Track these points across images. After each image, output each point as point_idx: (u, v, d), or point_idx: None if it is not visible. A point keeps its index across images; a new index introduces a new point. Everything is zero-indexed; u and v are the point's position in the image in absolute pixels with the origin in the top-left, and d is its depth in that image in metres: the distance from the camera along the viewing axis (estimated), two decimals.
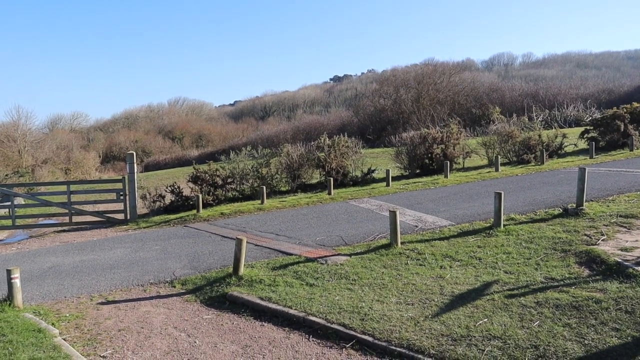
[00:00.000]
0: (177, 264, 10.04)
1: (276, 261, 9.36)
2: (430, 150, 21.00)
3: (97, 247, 12.59)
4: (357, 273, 8.19)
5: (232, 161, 19.47)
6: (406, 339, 5.63)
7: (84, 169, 48.94)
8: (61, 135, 64.11)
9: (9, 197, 16.72)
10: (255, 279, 8.28)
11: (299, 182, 19.73)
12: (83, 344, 6.56)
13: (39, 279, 9.95)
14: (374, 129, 44.20)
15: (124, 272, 9.93)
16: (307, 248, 10.15)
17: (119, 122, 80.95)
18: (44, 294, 8.98)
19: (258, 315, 7.13)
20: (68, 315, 7.74)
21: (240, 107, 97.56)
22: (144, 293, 8.64)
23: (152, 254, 11.15)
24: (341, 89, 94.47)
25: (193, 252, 10.88)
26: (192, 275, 9.15)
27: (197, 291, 8.43)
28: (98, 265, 10.69)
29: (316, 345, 6.00)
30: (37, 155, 53.34)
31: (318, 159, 19.71)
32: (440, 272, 7.95)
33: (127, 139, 65.20)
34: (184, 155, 56.01)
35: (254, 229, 12.68)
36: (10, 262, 11.77)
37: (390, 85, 49.73)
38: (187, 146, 65.97)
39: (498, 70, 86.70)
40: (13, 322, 7.03)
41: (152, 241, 12.56)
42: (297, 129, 50.71)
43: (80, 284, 9.41)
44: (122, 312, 7.75)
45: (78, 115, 79.93)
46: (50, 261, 11.51)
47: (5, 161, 50.41)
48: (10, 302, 7.94)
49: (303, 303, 7.05)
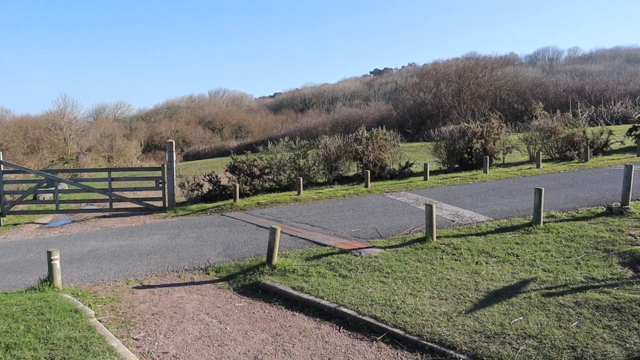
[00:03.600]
0: (212, 252, 10.15)
1: (310, 252, 9.35)
2: (470, 145, 20.62)
3: (135, 233, 12.84)
4: (391, 266, 8.10)
5: (270, 152, 19.54)
6: (438, 334, 5.53)
7: (126, 157, 50.10)
8: (105, 124, 65.76)
9: (54, 182, 17.22)
10: (289, 268, 8.29)
11: (336, 174, 19.68)
12: (117, 326, 6.70)
13: (78, 262, 10.23)
14: (413, 123, 43.74)
15: (160, 258, 10.09)
16: (341, 240, 10.10)
17: (161, 112, 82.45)
18: (82, 276, 9.22)
19: (290, 305, 7.14)
20: (104, 298, 7.92)
21: (280, 99, 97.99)
22: (179, 279, 8.76)
23: (188, 241, 11.31)
24: (381, 82, 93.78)
25: (228, 241, 10.98)
26: (226, 263, 9.24)
27: (230, 279, 8.50)
28: (135, 250, 10.91)
29: (346, 337, 5.96)
30: (82, 143, 54.86)
31: (355, 151, 19.61)
32: (475, 267, 7.79)
33: (168, 129, 66.37)
34: (223, 145, 56.66)
35: (290, 219, 12.71)
36: (52, 244, 12.14)
37: (431, 79, 49.08)
38: (226, 137, 66.73)
39: (542, 65, 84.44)
40: (52, 301, 7.23)
41: (189, 229, 12.73)
42: (336, 122, 50.63)
43: (117, 268, 9.63)
44: (156, 297, 7.87)
45: (121, 105, 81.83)
46: (90, 245, 11.81)
47: (52, 148, 52.04)
48: (50, 282, 8.17)
49: (335, 294, 7.02)
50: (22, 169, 18.68)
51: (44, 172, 18.42)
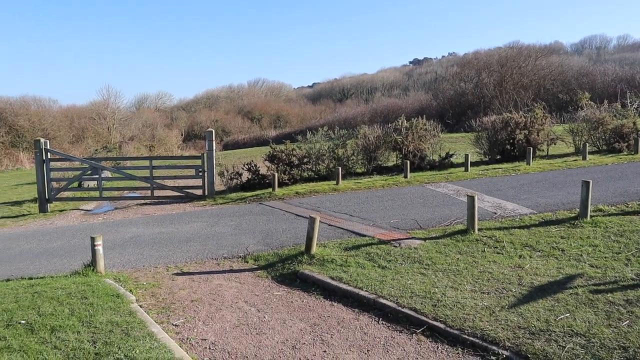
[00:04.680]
0: (251, 240, 10.19)
1: (349, 242, 9.28)
2: (512, 136, 20.11)
3: (175, 221, 13.02)
4: (431, 258, 7.96)
5: (308, 141, 19.51)
6: (480, 329, 5.38)
7: (167, 146, 50.93)
8: (147, 114, 67.06)
9: (98, 170, 17.63)
10: (327, 258, 8.24)
11: (375, 164, 19.52)
12: (157, 312, 6.79)
13: (120, 248, 10.43)
14: (453, 113, 43.04)
15: (200, 245, 10.20)
16: (380, 230, 9.99)
17: (201, 102, 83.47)
18: (124, 262, 9.39)
19: (328, 295, 7.09)
20: (145, 284, 8.04)
21: (319, 89, 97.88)
22: (218, 267, 8.83)
23: (227, 229, 11.39)
24: (420, 72, 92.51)
25: (267, 229, 11.01)
26: (264, 252, 9.26)
27: (269, 267, 8.51)
28: (175, 237, 11.06)
29: (385, 329, 5.87)
30: (124, 132, 56.11)
31: (395, 141, 19.39)
32: (519, 261, 7.57)
33: (208, 118, 67.14)
34: (262, 135, 57.04)
35: (328, 209, 12.66)
36: (95, 230, 12.43)
37: (472, 69, 48.13)
38: (265, 126, 67.11)
39: (589, 53, 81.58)
40: (95, 286, 7.38)
41: (228, 217, 12.83)
42: (375, 112, 50.28)
43: (158, 254, 9.77)
44: (195, 284, 7.95)
45: (162, 95, 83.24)
46: (131, 232, 12.04)
47: (96, 137, 53.43)
48: (94, 267, 8.35)
49: (374, 285, 6.93)
50: (68, 157, 19.17)
51: (89, 160, 18.86)
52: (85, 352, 5.11)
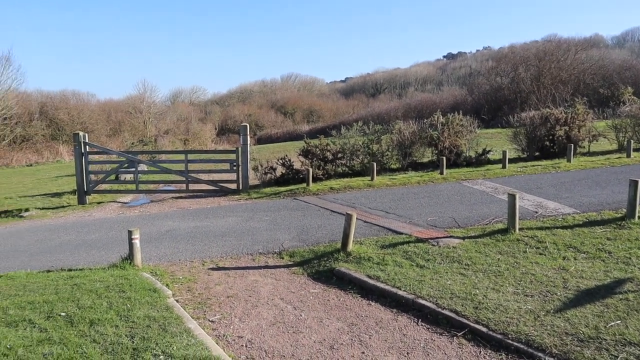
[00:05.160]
0: (286, 236, 10.13)
1: (385, 239, 9.13)
2: (552, 132, 19.58)
3: (210, 215, 13.08)
4: (471, 257, 7.75)
5: (342, 136, 19.38)
6: (525, 334, 5.19)
7: (201, 140, 51.49)
8: (181, 108, 67.90)
9: (134, 163, 17.86)
10: (364, 256, 8.12)
11: (410, 160, 19.28)
12: (193, 307, 6.78)
13: (157, 241, 10.51)
14: (488, 109, 42.19)
15: (235, 240, 10.19)
16: (417, 228, 9.81)
17: (234, 97, 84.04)
18: (160, 255, 9.45)
19: (365, 294, 6.97)
20: (181, 278, 8.06)
21: (351, 84, 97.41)
22: (253, 262, 8.80)
23: (262, 225, 11.37)
24: (455, 66, 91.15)
25: (302, 225, 10.94)
26: (300, 248, 9.19)
27: (304, 264, 8.44)
28: (211, 232, 11.08)
29: (425, 331, 5.73)
30: (160, 126, 56.95)
31: (430, 137, 19.10)
32: (563, 263, 7.31)
33: (241, 113, 67.53)
34: (295, 129, 57.06)
35: (363, 205, 12.52)
36: (132, 223, 12.56)
37: (508, 63, 47.07)
38: (298, 121, 67.15)
39: (631, 46, 78.84)
40: (132, 279, 7.42)
41: (262, 212, 12.82)
42: (409, 107, 49.71)
43: (193, 248, 9.80)
44: (231, 279, 7.93)
45: (197, 89, 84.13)
46: (167, 225, 12.13)
47: (132, 130, 54.37)
48: (131, 261, 8.42)
49: (412, 285, 6.78)
50: (106, 150, 19.49)
51: (126, 153, 19.13)
52: (124, 347, 5.11)
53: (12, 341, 5.34)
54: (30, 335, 5.49)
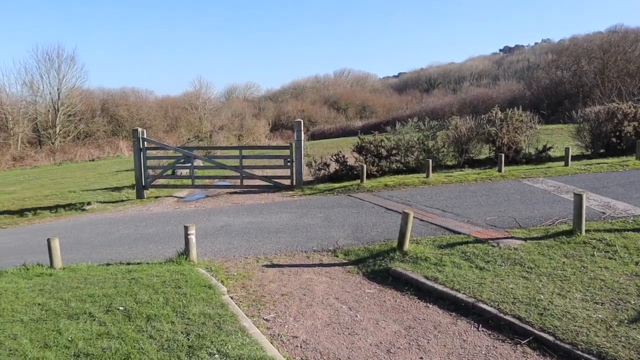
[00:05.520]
0: (340, 233, 10.01)
1: (442, 239, 8.86)
2: (619, 128, 18.59)
3: (264, 211, 13.11)
4: (534, 260, 7.40)
5: (397, 132, 19.05)
6: (596, 345, 4.86)
7: (255, 135, 52.12)
8: (235, 104, 69.03)
9: (190, 159, 18.15)
10: (421, 256, 7.89)
11: (466, 157, 18.77)
12: (248, 305, 6.75)
13: (212, 237, 10.59)
14: (548, 103, 40.70)
15: (289, 237, 10.15)
16: (476, 227, 9.48)
17: (287, 92, 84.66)
18: (215, 251, 9.51)
19: (422, 295, 6.76)
20: (236, 274, 8.06)
21: (404, 79, 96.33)
22: (307, 260, 8.72)
23: (316, 221, 11.28)
24: (511, 60, 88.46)
25: (356, 223, 10.78)
26: (355, 246, 9.05)
27: (359, 263, 8.28)
28: (265, 228, 11.09)
29: (486, 337, 5.48)
30: (215, 121, 58.08)
31: (488, 133, 18.52)
32: (635, 269, 6.85)
33: (295, 109, 67.96)
34: (348, 125, 56.94)
35: (419, 203, 12.24)
36: (188, 218, 12.74)
37: (570, 56, 45.21)
38: (351, 116, 67.00)
39: None
40: (188, 275, 7.48)
41: (316, 208, 12.74)
42: (464, 102, 48.71)
43: (248, 244, 9.82)
44: (285, 277, 7.87)
45: (251, 86, 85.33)
46: (222, 220, 12.22)
47: (188, 126, 55.66)
48: (187, 256, 8.50)
49: (472, 287, 6.52)
50: (163, 146, 19.89)
51: (182, 149, 19.47)
52: (179, 344, 5.12)
53: (73, 334, 5.45)
54: (90, 328, 5.58)
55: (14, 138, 47.74)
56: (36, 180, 28.48)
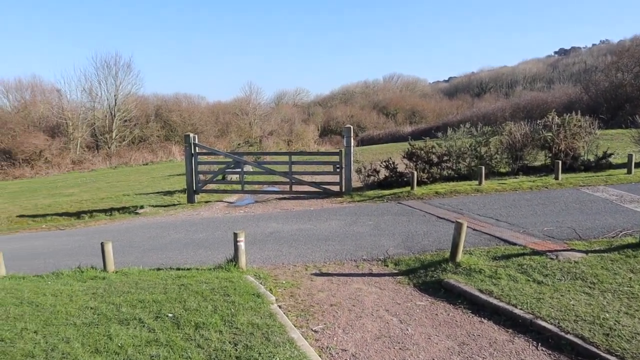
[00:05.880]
0: (391, 242, 9.79)
1: (497, 250, 8.52)
2: None
3: (313, 217, 13.02)
4: (597, 275, 6.99)
5: (448, 138, 18.65)
6: None
7: (304, 141, 52.39)
8: (285, 110, 69.67)
9: (240, 164, 18.30)
10: (474, 267, 7.59)
11: (521, 163, 18.15)
12: (296, 314, 6.64)
13: (260, 243, 10.57)
14: (607, 107, 39.07)
15: (338, 245, 10.01)
16: (532, 238, 9.08)
17: (336, 98, 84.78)
18: (264, 258, 9.47)
19: (476, 309, 6.48)
20: (284, 283, 7.98)
21: (455, 84, 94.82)
22: (356, 269, 8.55)
23: (366, 229, 11.10)
24: (567, 62, 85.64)
25: (407, 231, 10.54)
26: (405, 256, 8.81)
27: (410, 273, 8.05)
28: (313, 235, 10.99)
29: (546, 357, 5.16)
30: (264, 127, 58.77)
31: (544, 139, 17.86)
32: None
33: (344, 114, 67.96)
34: (398, 130, 56.45)
35: (471, 211, 11.88)
36: (237, 224, 12.80)
37: (631, 57, 43.28)
38: (400, 122, 66.45)
39: None
40: (236, 282, 7.45)
41: (366, 216, 12.55)
42: (517, 107, 47.39)
43: (296, 252, 9.74)
44: (334, 286, 7.73)
45: (300, 91, 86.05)
46: (271, 227, 12.21)
47: (239, 132, 56.53)
48: (235, 263, 8.48)
49: (530, 303, 6.19)
50: (214, 151, 20.15)
51: (232, 154, 19.66)
52: (227, 354, 5.05)
53: (123, 339, 5.47)
54: (139, 334, 5.60)
55: (73, 142, 49.74)
56: (93, 183, 29.45)
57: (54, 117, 51.70)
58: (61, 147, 47.80)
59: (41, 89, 56.03)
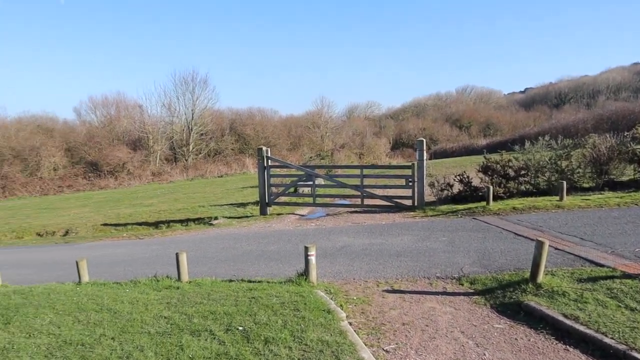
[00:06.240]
0: (466, 260, 9.41)
1: (582, 271, 7.97)
2: None
3: (385, 232, 12.79)
4: None
5: (526, 151, 17.90)
6: None
7: (375, 154, 52.21)
8: (356, 123, 69.86)
9: (312, 177, 18.35)
10: (557, 290, 7.12)
11: (606, 178, 17.12)
12: (367, 333, 6.45)
13: (331, 257, 10.47)
14: None
15: (410, 261, 9.74)
16: (622, 260, 8.44)
17: (408, 111, 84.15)
18: (334, 272, 9.35)
19: (560, 336, 6.03)
20: (355, 299, 7.81)
21: (532, 95, 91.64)
22: (430, 286, 8.26)
23: (439, 245, 10.76)
24: None
25: (482, 248, 10.11)
26: (481, 275, 8.42)
27: (486, 293, 7.68)
28: (385, 250, 10.77)
29: None
30: (336, 140, 59.13)
31: (633, 152, 16.78)
32: None
33: (415, 127, 67.27)
34: (471, 143, 55.21)
35: (552, 228, 11.26)
36: (309, 237, 12.77)
37: None
38: (474, 135, 64.97)
39: None
40: (307, 297, 7.36)
41: (439, 231, 12.19)
42: (600, 118, 45.06)
43: (368, 267, 9.55)
44: (406, 304, 7.48)
45: (371, 104, 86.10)
46: (342, 241, 12.09)
47: (310, 145, 57.12)
48: (306, 277, 8.40)
49: (623, 332, 5.70)
50: (286, 164, 20.34)
51: (304, 167, 19.76)
52: None
53: (194, 351, 5.51)
54: (210, 346, 5.61)
55: (153, 155, 52.09)
56: (171, 194, 30.52)
57: (136, 131, 54.46)
58: (142, 160, 50.25)
59: (125, 104, 59.49)
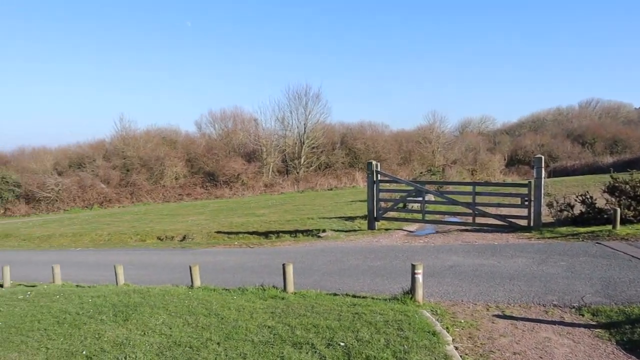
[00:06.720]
0: (587, 288, 8.68)
1: None
2: None
3: (497, 252, 12.20)
4: None
5: None
6: None
7: (489, 170, 50.40)
8: (469, 138, 67.87)
9: (422, 193, 17.99)
10: None
11: None
12: (474, 359, 6.13)
13: (439, 276, 10.15)
14: None
15: (524, 285, 9.17)
16: None
17: (525, 126, 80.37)
18: (442, 292, 9.04)
19: None
20: (462, 322, 7.48)
21: None
22: (545, 315, 7.70)
23: (557, 270, 10.04)
24: None
25: (607, 277, 9.28)
26: (606, 306, 7.71)
27: (612, 327, 7.00)
28: (497, 272, 10.25)
29: None
30: (448, 155, 57.89)
31: None
32: None
33: (533, 143, 63.97)
34: (595, 161, 51.54)
35: None
36: (416, 254, 12.50)
37: None
38: (599, 152, 60.51)
39: None
40: (412, 317, 7.17)
41: (557, 255, 11.40)
42: None
43: (477, 289, 9.13)
44: (518, 332, 7.02)
45: (486, 119, 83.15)
46: (451, 260, 11.69)
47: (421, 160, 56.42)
48: (412, 295, 8.21)
49: None
50: (395, 179, 20.13)
51: (414, 182, 19.45)
52: None
53: None
54: None
55: (266, 167, 54.18)
56: (281, 205, 31.38)
57: (251, 143, 56.88)
58: (256, 171, 52.42)
59: (241, 118, 62.61)
